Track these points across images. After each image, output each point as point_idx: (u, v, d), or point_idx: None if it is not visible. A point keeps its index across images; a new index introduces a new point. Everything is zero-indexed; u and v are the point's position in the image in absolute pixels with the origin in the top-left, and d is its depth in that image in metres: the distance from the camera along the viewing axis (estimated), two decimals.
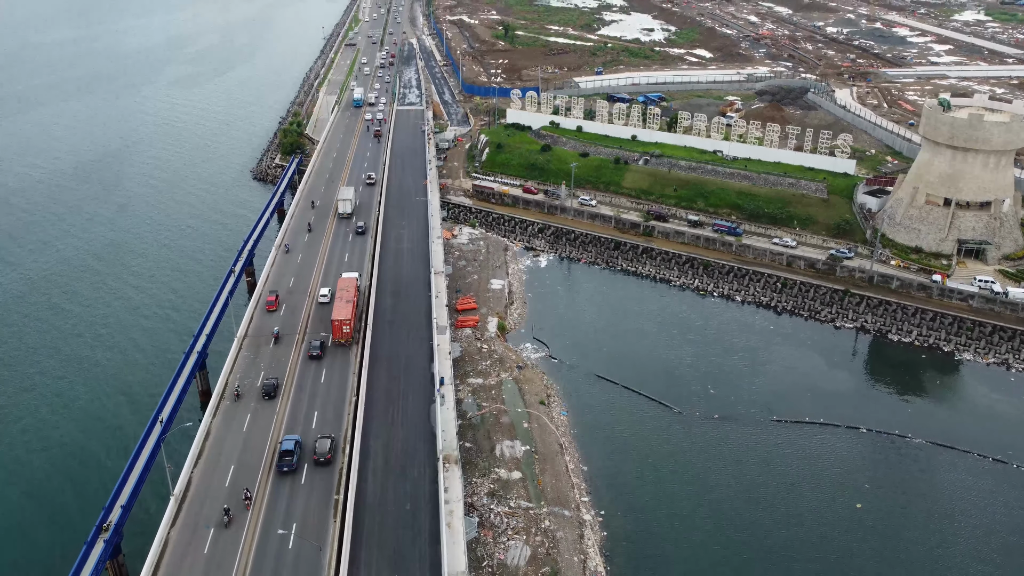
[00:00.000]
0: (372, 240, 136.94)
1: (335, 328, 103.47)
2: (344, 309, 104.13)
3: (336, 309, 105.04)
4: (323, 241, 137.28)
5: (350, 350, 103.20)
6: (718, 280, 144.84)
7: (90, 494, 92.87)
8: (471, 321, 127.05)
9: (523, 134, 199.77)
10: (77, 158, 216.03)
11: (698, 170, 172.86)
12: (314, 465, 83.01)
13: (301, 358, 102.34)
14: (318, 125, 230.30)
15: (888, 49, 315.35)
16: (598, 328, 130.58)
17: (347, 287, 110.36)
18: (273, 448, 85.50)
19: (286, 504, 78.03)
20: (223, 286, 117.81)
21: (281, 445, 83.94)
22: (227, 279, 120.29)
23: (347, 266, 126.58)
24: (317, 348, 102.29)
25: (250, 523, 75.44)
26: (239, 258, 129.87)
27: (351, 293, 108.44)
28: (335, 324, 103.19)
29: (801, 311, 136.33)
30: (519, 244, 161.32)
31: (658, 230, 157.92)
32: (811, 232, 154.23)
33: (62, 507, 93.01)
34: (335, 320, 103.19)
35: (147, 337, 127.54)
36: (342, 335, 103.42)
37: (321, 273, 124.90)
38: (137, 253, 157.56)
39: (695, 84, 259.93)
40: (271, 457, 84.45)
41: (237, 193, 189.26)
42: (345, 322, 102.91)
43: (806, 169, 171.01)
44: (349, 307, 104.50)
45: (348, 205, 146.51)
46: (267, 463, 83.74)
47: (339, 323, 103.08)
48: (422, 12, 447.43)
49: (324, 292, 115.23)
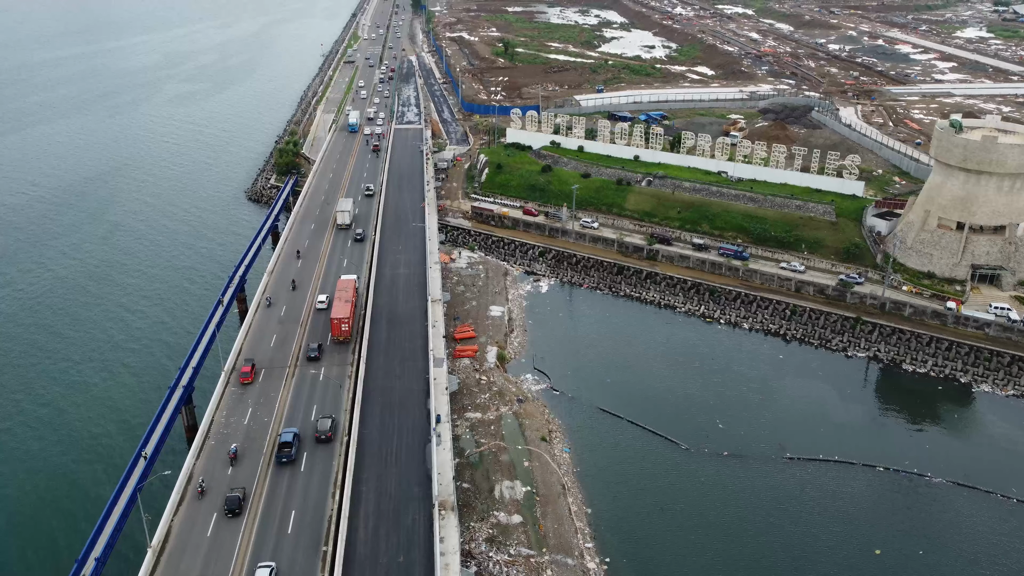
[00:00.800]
0: (370, 247, 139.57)
1: (334, 326, 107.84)
2: (343, 308, 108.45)
3: (335, 308, 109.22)
4: (317, 265, 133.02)
5: (342, 388, 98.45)
6: (725, 306, 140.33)
7: (73, 525, 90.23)
8: (470, 351, 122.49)
9: (523, 154, 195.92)
10: (72, 177, 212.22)
11: (702, 191, 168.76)
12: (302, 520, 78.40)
13: (291, 394, 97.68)
14: (315, 144, 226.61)
15: (891, 66, 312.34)
16: (601, 357, 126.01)
17: (346, 287, 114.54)
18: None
19: (271, 553, 73.29)
20: (210, 318, 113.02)
21: (280, 437, 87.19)
22: (215, 310, 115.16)
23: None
24: (315, 350, 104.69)
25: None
26: (228, 286, 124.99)
27: (349, 293, 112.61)
28: (334, 322, 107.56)
29: (811, 339, 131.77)
30: (519, 268, 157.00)
31: (662, 254, 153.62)
32: (820, 256, 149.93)
33: (47, 536, 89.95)
34: (334, 318, 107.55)
35: (139, 360, 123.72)
36: (341, 333, 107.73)
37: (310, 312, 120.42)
38: (130, 274, 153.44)
39: (697, 102, 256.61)
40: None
41: (231, 214, 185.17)
42: (344, 320, 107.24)
43: (813, 191, 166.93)
44: (348, 306, 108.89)
45: (347, 216, 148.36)
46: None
47: (338, 321, 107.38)
48: (422, 29, 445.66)
49: (322, 299, 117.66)
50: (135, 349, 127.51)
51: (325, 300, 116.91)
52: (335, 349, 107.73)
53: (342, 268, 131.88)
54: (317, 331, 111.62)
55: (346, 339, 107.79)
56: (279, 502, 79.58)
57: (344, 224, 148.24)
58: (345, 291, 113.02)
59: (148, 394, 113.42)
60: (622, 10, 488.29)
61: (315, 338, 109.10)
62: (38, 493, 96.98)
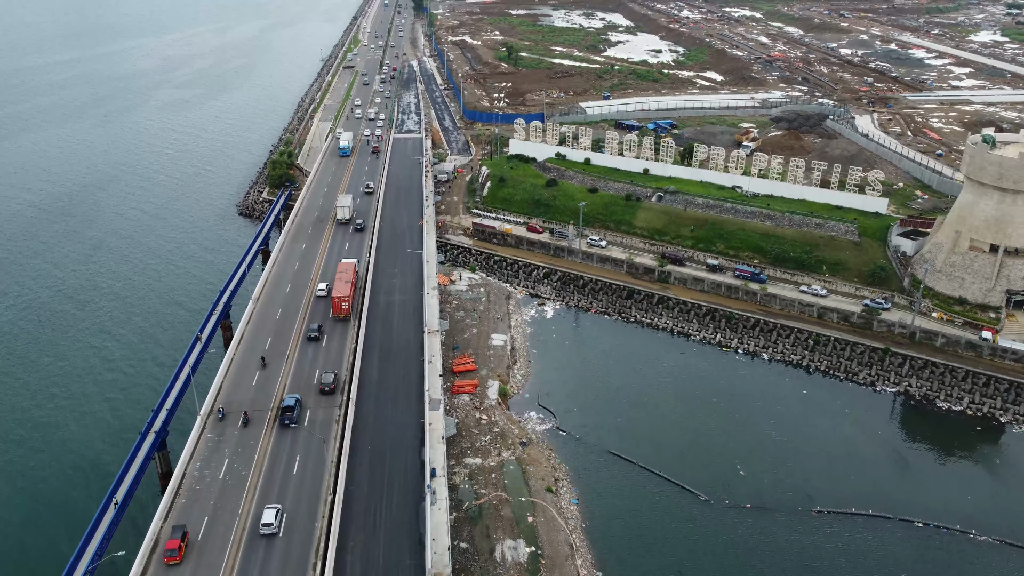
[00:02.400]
0: (369, 237, 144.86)
1: (335, 304, 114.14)
2: (343, 288, 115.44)
3: (336, 287, 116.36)
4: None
5: (326, 443, 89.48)
6: (742, 335, 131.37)
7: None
8: (469, 386, 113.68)
9: (527, 166, 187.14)
10: (57, 190, 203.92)
11: (716, 208, 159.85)
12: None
13: (272, 442, 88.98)
14: (311, 154, 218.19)
15: (906, 72, 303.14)
16: (610, 391, 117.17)
17: (346, 269, 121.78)
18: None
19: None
20: (187, 356, 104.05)
21: (283, 402, 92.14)
22: (192, 347, 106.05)
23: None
24: (315, 330, 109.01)
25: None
26: (209, 318, 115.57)
27: (349, 275, 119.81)
28: (335, 300, 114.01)
29: (836, 371, 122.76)
30: (523, 291, 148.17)
31: (674, 276, 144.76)
32: (842, 279, 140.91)
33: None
34: (335, 297, 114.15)
35: (117, 394, 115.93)
36: (341, 311, 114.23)
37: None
38: (111, 298, 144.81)
39: (707, 110, 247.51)
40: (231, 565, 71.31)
41: (221, 231, 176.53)
42: (344, 299, 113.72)
43: (833, 208, 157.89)
44: (348, 286, 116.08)
45: (347, 211, 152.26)
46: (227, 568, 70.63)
47: (338, 299, 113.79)
48: (424, 32, 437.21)
49: (322, 286, 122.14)
50: (113, 380, 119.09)
51: (325, 288, 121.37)
52: (334, 332, 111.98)
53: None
54: (300, 378, 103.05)
55: (346, 316, 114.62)
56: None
57: (344, 219, 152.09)
58: (345, 272, 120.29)
59: (125, 433, 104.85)
60: (627, 13, 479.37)
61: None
62: (16, 526, 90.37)
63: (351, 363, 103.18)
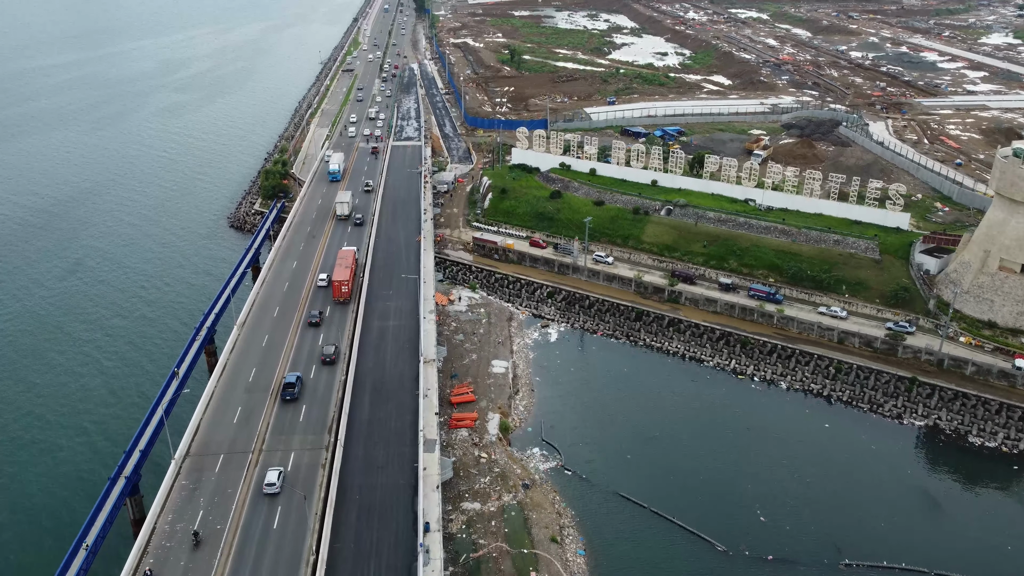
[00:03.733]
0: (368, 230, 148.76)
1: (335, 288, 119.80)
2: (343, 272, 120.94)
3: (336, 272, 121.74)
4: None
5: (313, 491, 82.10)
6: (758, 361, 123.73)
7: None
8: (468, 420, 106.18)
9: (530, 177, 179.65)
10: (43, 200, 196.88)
11: (728, 223, 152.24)
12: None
13: (251, 493, 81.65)
14: (307, 163, 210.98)
15: (919, 76, 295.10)
16: (618, 424, 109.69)
17: (346, 256, 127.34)
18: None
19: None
20: (161, 393, 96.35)
21: (285, 379, 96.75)
22: (167, 384, 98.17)
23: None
24: (316, 316, 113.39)
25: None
26: (187, 351, 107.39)
27: (349, 260, 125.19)
28: (335, 284, 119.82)
29: (860, 402, 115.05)
30: (525, 312, 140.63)
31: (685, 296, 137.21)
32: (863, 300, 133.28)
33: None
34: (335, 280, 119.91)
35: (94, 426, 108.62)
36: (341, 294, 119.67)
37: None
38: (90, 322, 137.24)
39: (716, 116, 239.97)
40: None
41: (210, 245, 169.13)
42: (344, 283, 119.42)
43: (852, 223, 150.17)
44: (347, 271, 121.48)
45: (345, 208, 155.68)
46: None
47: (339, 283, 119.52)
48: (425, 35, 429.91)
49: (322, 276, 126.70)
50: (89, 412, 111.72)
51: (325, 278, 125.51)
52: (333, 317, 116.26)
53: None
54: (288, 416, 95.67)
55: (346, 300, 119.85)
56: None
57: (343, 215, 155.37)
58: (345, 259, 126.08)
59: (101, 471, 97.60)
60: (632, 14, 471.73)
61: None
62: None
63: (340, 398, 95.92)
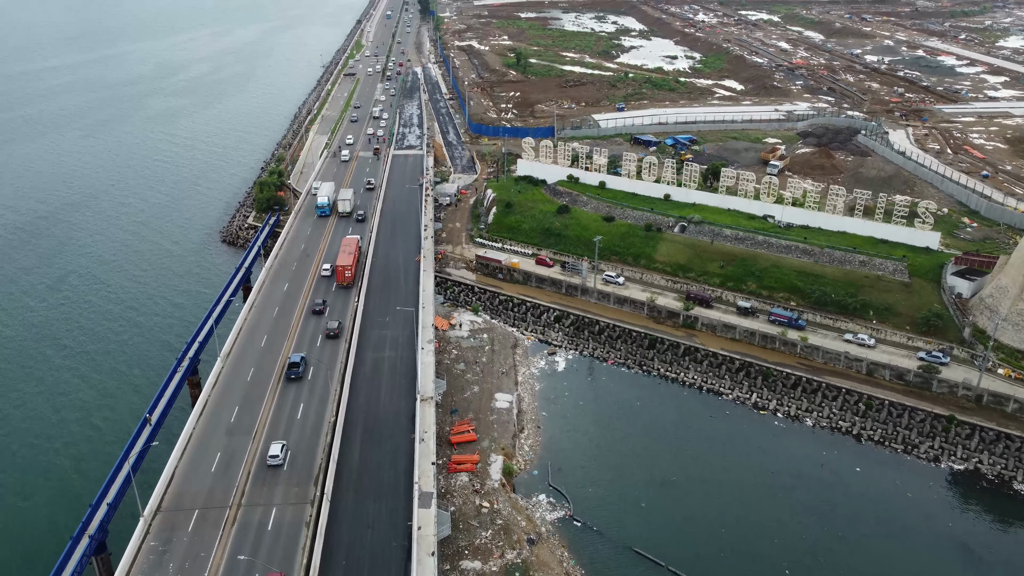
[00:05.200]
0: (369, 226, 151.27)
1: (339, 273, 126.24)
2: (347, 259, 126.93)
3: (340, 258, 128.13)
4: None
5: (296, 553, 74.03)
6: (782, 395, 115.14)
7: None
8: (469, 463, 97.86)
9: (536, 190, 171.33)
10: (26, 214, 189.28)
11: (747, 241, 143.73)
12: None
13: (226, 557, 73.52)
14: (304, 172, 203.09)
15: (938, 81, 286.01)
16: (631, 467, 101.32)
17: (349, 243, 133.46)
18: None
19: None
20: (132, 441, 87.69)
21: (290, 359, 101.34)
22: (139, 431, 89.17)
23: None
24: (320, 304, 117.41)
25: None
26: (162, 394, 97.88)
27: (352, 247, 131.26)
28: (339, 269, 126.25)
29: (892, 442, 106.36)
30: (531, 337, 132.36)
31: (702, 321, 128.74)
32: (891, 326, 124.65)
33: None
34: (339, 266, 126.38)
35: (65, 473, 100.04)
36: (344, 279, 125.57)
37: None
38: (68, 347, 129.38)
39: (729, 123, 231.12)
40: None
41: (201, 262, 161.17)
42: (347, 268, 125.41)
43: (878, 242, 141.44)
44: (351, 257, 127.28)
45: (347, 205, 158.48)
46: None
47: (342, 268, 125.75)
48: (429, 37, 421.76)
49: (326, 267, 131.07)
50: (60, 450, 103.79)
51: (329, 268, 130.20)
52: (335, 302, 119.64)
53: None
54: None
55: (349, 284, 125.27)
56: None
57: (345, 212, 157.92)
58: (348, 246, 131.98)
59: (68, 526, 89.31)
60: (640, 16, 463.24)
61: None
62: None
63: (328, 442, 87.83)
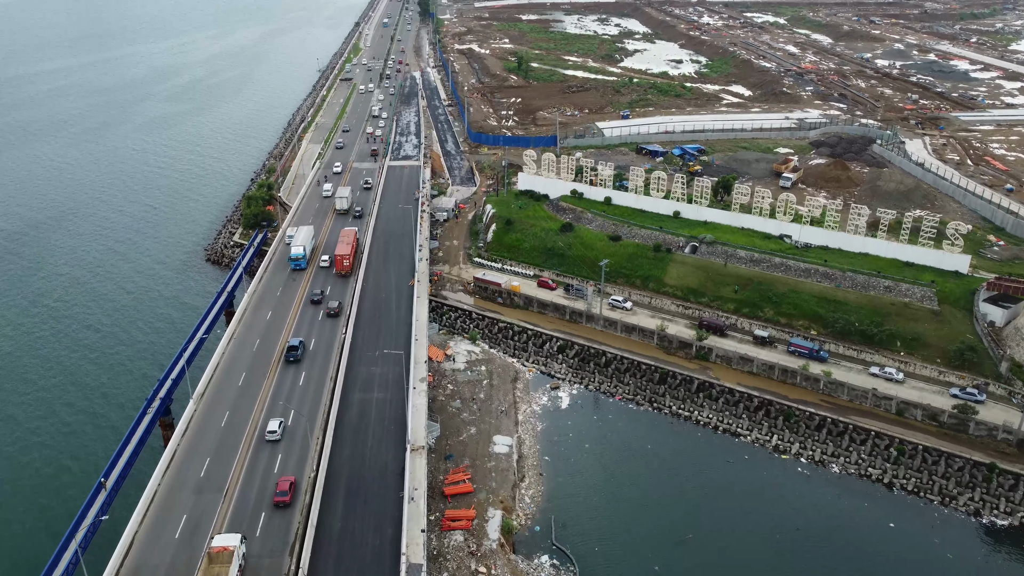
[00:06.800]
0: (367, 222, 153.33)
1: (337, 262, 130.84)
2: (345, 248, 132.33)
3: (338, 248, 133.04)
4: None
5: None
6: (804, 437, 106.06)
7: None
8: (463, 520, 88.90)
9: (538, 206, 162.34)
10: (5, 226, 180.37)
11: (763, 263, 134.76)
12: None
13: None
14: (296, 183, 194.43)
15: (952, 87, 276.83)
16: (643, 521, 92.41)
17: (347, 234, 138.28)
18: None
19: None
20: (84, 510, 78.27)
21: (288, 343, 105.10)
22: (92, 499, 79.48)
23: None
24: (318, 295, 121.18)
25: None
26: (118, 458, 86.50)
27: (350, 238, 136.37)
28: (337, 258, 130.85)
29: (928, 492, 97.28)
30: (532, 369, 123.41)
31: (716, 352, 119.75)
32: (921, 359, 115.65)
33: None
34: (337, 255, 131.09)
35: (14, 538, 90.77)
36: (343, 267, 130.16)
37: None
38: (34, 382, 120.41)
39: (738, 131, 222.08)
40: None
41: (184, 282, 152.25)
42: (345, 256, 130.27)
43: (903, 265, 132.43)
44: (349, 247, 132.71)
45: (344, 202, 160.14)
46: None
47: (340, 257, 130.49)
48: (429, 40, 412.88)
49: (324, 258, 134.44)
50: (7, 520, 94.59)
51: (327, 259, 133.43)
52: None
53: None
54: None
55: (347, 273, 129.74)
56: None
57: (342, 209, 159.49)
58: (347, 236, 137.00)
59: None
60: (644, 19, 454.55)
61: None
62: None
63: (307, 503, 78.96)
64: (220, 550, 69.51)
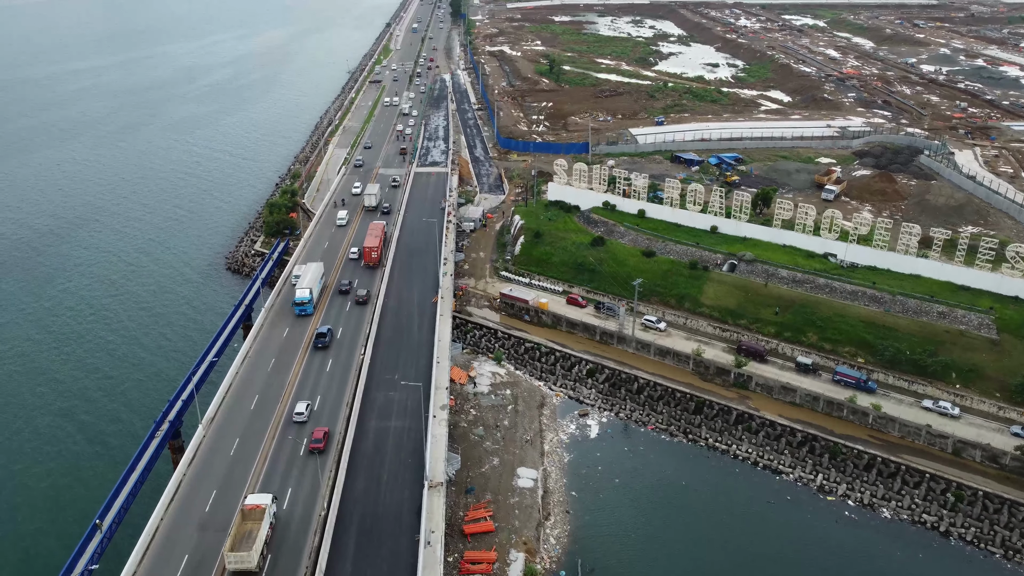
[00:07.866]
0: (395, 218, 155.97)
1: (366, 253, 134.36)
2: (373, 240, 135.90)
3: (367, 240, 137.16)
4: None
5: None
6: (853, 477, 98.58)
7: None
8: (484, 564, 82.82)
9: (568, 218, 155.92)
10: (27, 230, 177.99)
11: (806, 284, 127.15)
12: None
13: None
14: (321, 189, 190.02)
15: (1003, 94, 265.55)
16: (678, 567, 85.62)
17: (376, 227, 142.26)
18: None
19: None
20: (78, 553, 72.50)
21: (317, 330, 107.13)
22: (86, 541, 73.27)
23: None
24: (346, 284, 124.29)
25: None
26: (116, 494, 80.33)
27: (379, 231, 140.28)
28: (366, 250, 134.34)
29: (989, 544, 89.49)
30: (560, 394, 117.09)
31: (756, 380, 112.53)
32: (978, 393, 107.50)
33: None
34: (366, 247, 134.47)
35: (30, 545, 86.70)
36: (371, 259, 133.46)
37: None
38: (42, 400, 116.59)
39: (777, 140, 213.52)
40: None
41: (202, 293, 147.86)
42: (373, 248, 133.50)
43: (957, 288, 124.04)
44: (377, 239, 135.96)
45: (373, 199, 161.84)
46: None
47: (369, 249, 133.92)
48: (460, 42, 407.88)
49: (353, 250, 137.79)
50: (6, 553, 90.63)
51: (356, 251, 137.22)
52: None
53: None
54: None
55: (375, 264, 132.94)
56: None
57: (371, 206, 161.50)
58: (375, 229, 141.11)
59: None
60: (679, 21, 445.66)
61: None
62: None
63: (316, 545, 73.37)
64: (253, 508, 72.78)
